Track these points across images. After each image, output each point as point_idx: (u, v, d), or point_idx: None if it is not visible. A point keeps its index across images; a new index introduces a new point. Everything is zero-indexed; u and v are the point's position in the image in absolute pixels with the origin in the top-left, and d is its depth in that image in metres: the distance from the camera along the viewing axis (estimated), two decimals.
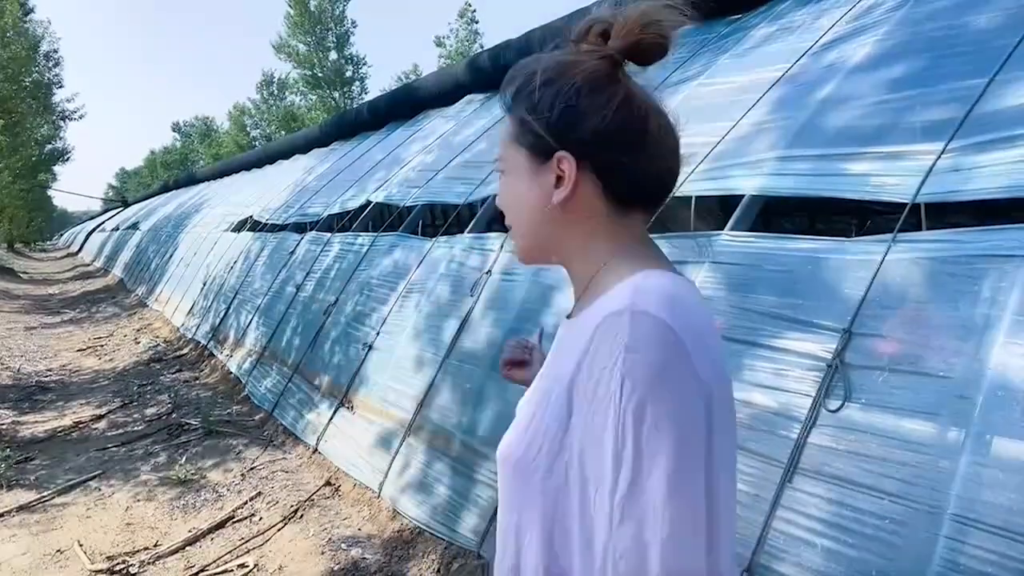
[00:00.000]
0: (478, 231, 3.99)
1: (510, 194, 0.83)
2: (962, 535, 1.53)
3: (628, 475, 0.62)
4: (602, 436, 0.64)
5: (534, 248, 0.84)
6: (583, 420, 0.68)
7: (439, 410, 3.30)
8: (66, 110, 23.53)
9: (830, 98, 2.73)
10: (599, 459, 0.65)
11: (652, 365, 0.63)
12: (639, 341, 0.64)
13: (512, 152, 0.81)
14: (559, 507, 0.72)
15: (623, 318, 0.65)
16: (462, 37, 29.36)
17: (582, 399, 0.68)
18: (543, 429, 0.73)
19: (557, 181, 0.77)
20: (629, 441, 0.62)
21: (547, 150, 0.77)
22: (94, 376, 6.81)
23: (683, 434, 0.63)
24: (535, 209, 0.79)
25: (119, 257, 18.01)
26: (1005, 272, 1.74)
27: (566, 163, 0.76)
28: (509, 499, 0.79)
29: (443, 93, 7.32)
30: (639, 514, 0.62)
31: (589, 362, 0.67)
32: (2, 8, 16.15)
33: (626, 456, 0.62)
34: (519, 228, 0.83)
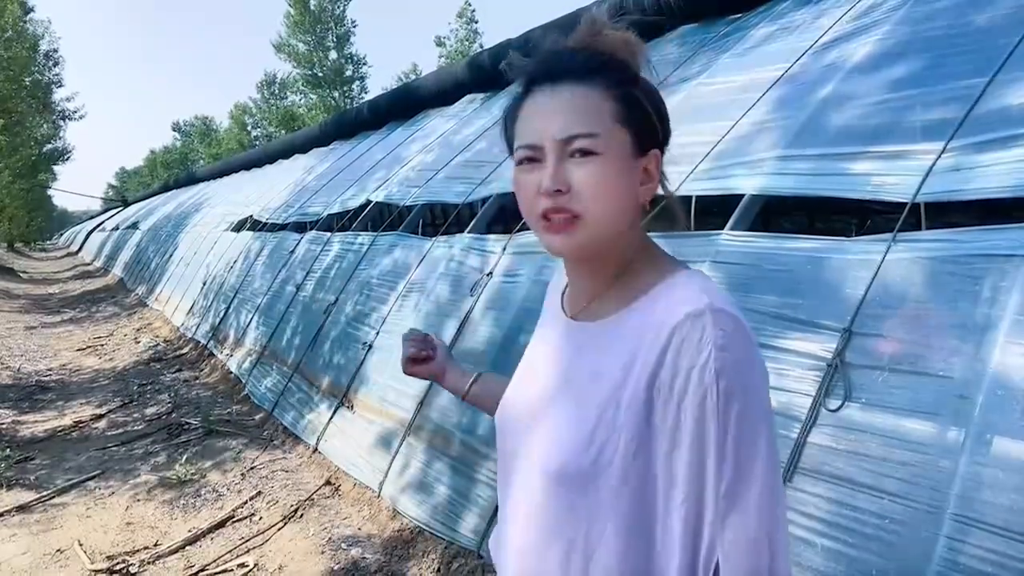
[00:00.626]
0: (478, 231, 3.99)
1: (602, 179, 0.71)
2: (962, 535, 1.53)
3: (732, 467, 0.64)
4: (699, 432, 0.65)
5: (603, 241, 0.75)
6: (671, 419, 0.67)
7: (439, 410, 3.30)
8: (66, 110, 23.55)
9: (830, 98, 2.73)
10: (695, 454, 0.66)
11: (743, 361, 0.66)
12: (727, 339, 0.66)
13: (613, 131, 0.71)
14: (638, 510, 0.70)
15: (706, 317, 0.66)
16: (461, 37, 29.37)
17: (666, 399, 0.68)
18: (615, 435, 0.70)
19: (643, 177, 0.75)
20: (730, 436, 0.64)
21: (651, 142, 0.74)
22: (94, 376, 6.81)
23: (772, 426, 0.67)
24: (627, 202, 0.74)
25: (119, 256, 18.01)
26: (1005, 272, 1.74)
27: (655, 161, 0.75)
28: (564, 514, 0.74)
29: (443, 92, 7.32)
30: (746, 504, 0.64)
31: (672, 361, 0.67)
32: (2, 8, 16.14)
33: (728, 449, 0.64)
34: (599, 218, 0.72)
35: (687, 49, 4.20)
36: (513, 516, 0.82)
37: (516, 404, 0.87)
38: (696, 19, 4.54)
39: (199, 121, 51.59)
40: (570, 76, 0.72)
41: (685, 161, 2.91)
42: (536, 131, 0.73)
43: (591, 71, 0.72)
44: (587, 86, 0.72)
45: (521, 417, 0.84)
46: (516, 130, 0.77)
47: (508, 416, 0.88)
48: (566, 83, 0.72)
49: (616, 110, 0.72)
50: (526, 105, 0.76)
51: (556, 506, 0.75)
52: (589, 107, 0.71)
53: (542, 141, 0.73)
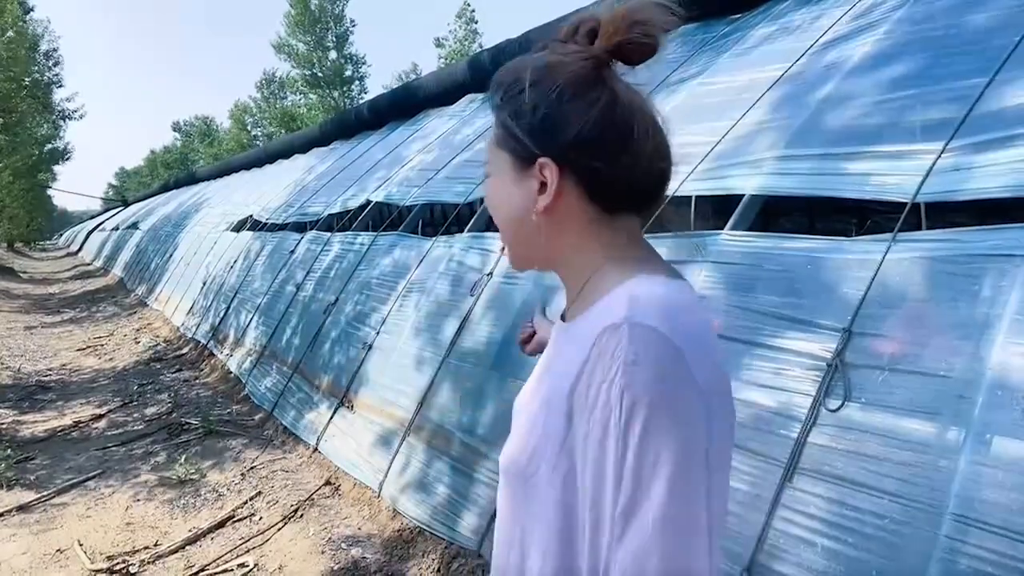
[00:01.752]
0: (478, 230, 3.99)
1: (496, 197, 0.81)
2: (962, 535, 1.53)
3: (629, 488, 0.62)
4: (602, 449, 0.64)
5: (523, 254, 0.83)
6: (584, 431, 0.67)
7: (439, 409, 3.30)
8: (66, 109, 23.55)
9: (830, 97, 2.73)
10: (599, 471, 0.65)
11: (652, 378, 0.63)
12: (638, 354, 0.63)
13: (497, 156, 0.80)
14: (562, 520, 0.70)
15: (621, 331, 0.65)
16: (461, 37, 29.37)
17: (582, 410, 0.68)
18: (544, 438, 0.72)
19: (541, 187, 0.75)
20: (630, 454, 0.62)
21: (530, 156, 0.75)
22: (94, 375, 6.81)
23: (683, 446, 0.62)
24: (520, 215, 0.78)
25: (119, 257, 18.01)
26: (1005, 272, 1.74)
27: (548, 170, 0.74)
28: (512, 510, 0.78)
29: (443, 92, 7.32)
30: (640, 527, 0.61)
31: (588, 374, 0.67)
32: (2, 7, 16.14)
33: (627, 469, 0.62)
34: (506, 234, 0.82)
35: (687, 49, 4.21)
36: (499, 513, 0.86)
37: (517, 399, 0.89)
38: (696, 19, 4.54)
39: (199, 121, 51.61)
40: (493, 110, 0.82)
41: (685, 161, 2.91)
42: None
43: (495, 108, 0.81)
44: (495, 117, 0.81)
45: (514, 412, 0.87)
46: None
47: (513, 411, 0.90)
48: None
49: (496, 136, 0.80)
50: None
51: (508, 501, 0.79)
52: (489, 136, 0.82)
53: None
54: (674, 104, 3.51)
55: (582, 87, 0.74)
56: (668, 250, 2.60)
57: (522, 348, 1.28)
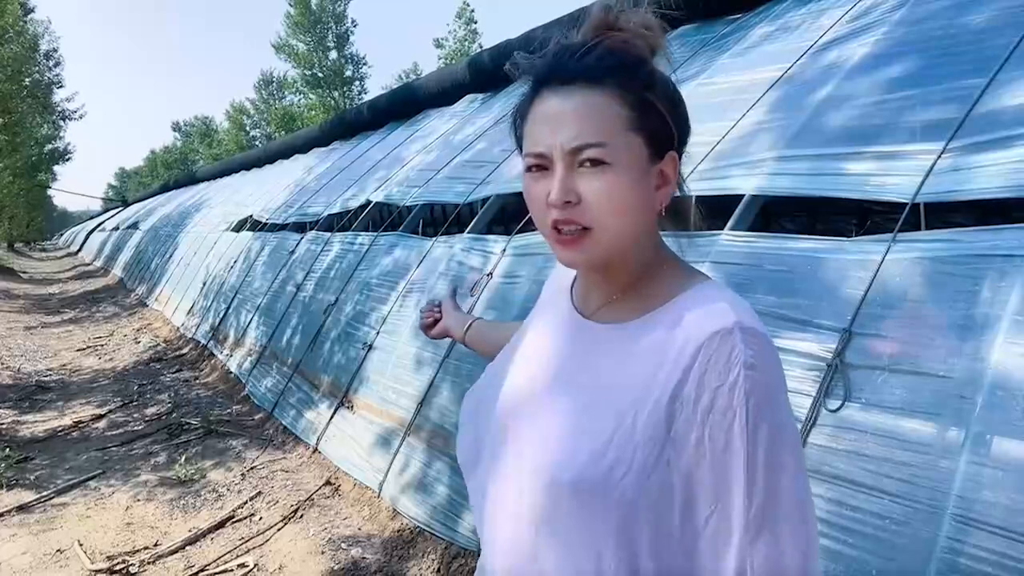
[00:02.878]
0: (478, 231, 3.99)
1: (615, 191, 0.69)
2: (962, 535, 1.53)
3: (762, 489, 0.63)
4: (725, 453, 0.65)
5: (617, 252, 0.74)
6: (694, 437, 0.66)
7: (439, 410, 3.30)
8: (66, 110, 23.59)
9: (830, 98, 2.73)
10: (720, 475, 0.65)
11: (771, 382, 0.66)
12: (756, 359, 0.65)
13: (624, 140, 0.69)
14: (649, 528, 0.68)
15: (735, 336, 0.66)
16: (460, 37, 29.38)
17: (689, 417, 0.67)
18: (631, 448, 0.68)
19: (660, 181, 0.73)
20: (760, 456, 0.63)
21: (666, 146, 0.72)
22: (94, 376, 6.81)
23: (798, 444, 0.67)
24: (643, 211, 0.72)
25: (119, 257, 18.01)
26: (1005, 272, 1.74)
27: (672, 164, 0.73)
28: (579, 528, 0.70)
29: (443, 92, 7.32)
30: (775, 526, 0.63)
31: (697, 379, 0.66)
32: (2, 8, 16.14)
33: (758, 471, 0.63)
34: (614, 230, 0.71)
35: (687, 49, 4.21)
36: (502, 514, 0.78)
37: (512, 397, 0.83)
38: (696, 19, 4.54)
39: (199, 121, 51.63)
40: (580, 79, 0.69)
41: (685, 161, 2.90)
42: (544, 139, 0.70)
43: (602, 74, 0.69)
44: (598, 91, 0.68)
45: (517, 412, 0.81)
46: (525, 132, 0.74)
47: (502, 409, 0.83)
48: (576, 87, 0.69)
49: (628, 116, 0.69)
50: (535, 107, 0.72)
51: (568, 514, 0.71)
52: (599, 114, 0.68)
53: (550, 150, 0.70)
54: None
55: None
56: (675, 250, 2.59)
57: (425, 332, 1.30)
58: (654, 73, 0.71)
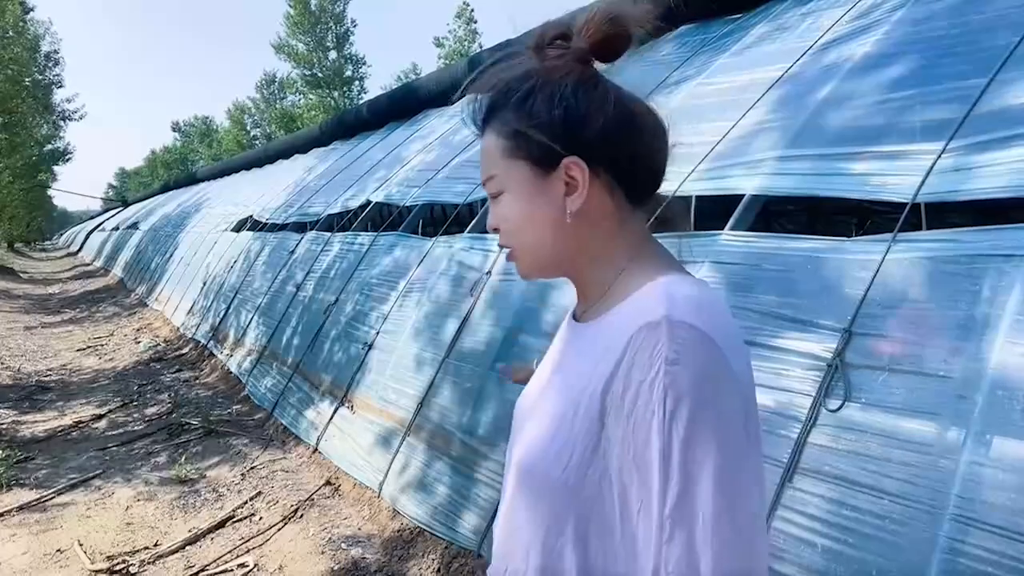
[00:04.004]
0: (478, 231, 3.99)
1: (514, 214, 0.77)
2: (962, 535, 1.53)
3: (676, 488, 0.62)
4: (645, 449, 0.64)
5: (547, 264, 0.80)
6: (621, 432, 0.66)
7: (439, 410, 3.30)
8: (66, 110, 23.58)
9: (830, 98, 2.73)
10: (642, 472, 0.64)
11: (694, 376, 0.63)
12: (679, 353, 0.63)
13: (508, 169, 0.76)
14: (593, 518, 0.70)
15: (660, 329, 0.64)
16: (460, 37, 29.37)
17: (618, 411, 0.67)
18: (572, 440, 0.71)
19: (567, 189, 0.74)
20: (675, 453, 0.62)
21: (553, 158, 0.74)
22: (94, 376, 6.81)
23: (727, 443, 0.63)
24: (548, 224, 0.76)
25: (119, 257, 18.01)
26: (1005, 272, 1.74)
27: (576, 168, 0.73)
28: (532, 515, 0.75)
29: (443, 92, 7.32)
30: (690, 526, 0.61)
31: (625, 373, 0.66)
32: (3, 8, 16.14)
33: (673, 469, 0.62)
34: (530, 247, 0.78)
35: (686, 49, 4.20)
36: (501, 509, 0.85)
37: (522, 401, 0.89)
38: (696, 19, 4.54)
39: (199, 121, 51.62)
40: (478, 124, 0.80)
41: (685, 161, 2.91)
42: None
43: (484, 119, 0.79)
44: (488, 129, 0.78)
45: (521, 414, 0.86)
46: None
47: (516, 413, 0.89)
48: (483, 132, 0.80)
49: (505, 146, 0.76)
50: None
51: (522, 503, 0.77)
52: (487, 151, 0.78)
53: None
54: (674, 104, 3.51)
55: (589, 83, 0.74)
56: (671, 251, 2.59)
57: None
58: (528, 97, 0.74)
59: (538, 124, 0.73)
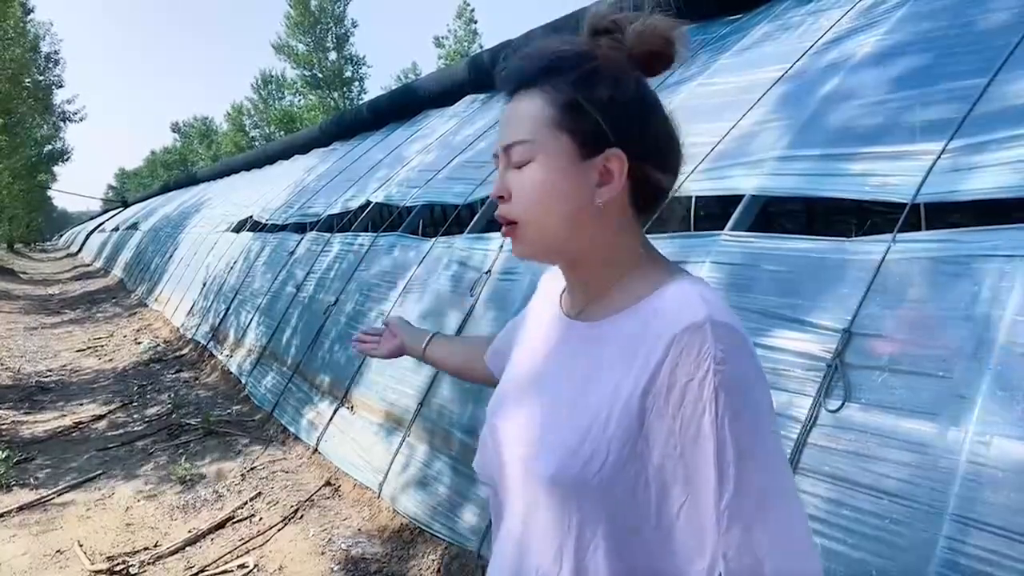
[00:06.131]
0: (478, 231, 3.99)
1: (537, 186, 0.73)
2: (962, 535, 1.53)
3: (732, 481, 0.64)
4: (694, 446, 0.65)
5: (552, 246, 0.77)
6: (664, 431, 0.67)
7: (439, 410, 3.30)
8: (67, 111, 23.57)
9: (830, 97, 2.73)
10: (690, 468, 0.66)
11: (742, 375, 0.66)
12: (727, 352, 0.65)
13: (547, 139, 0.73)
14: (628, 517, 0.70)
15: (705, 330, 0.66)
16: (460, 37, 29.37)
17: (661, 411, 0.68)
18: (606, 442, 0.70)
19: (601, 179, 0.73)
20: (729, 448, 0.64)
21: (600, 143, 0.72)
22: (94, 376, 6.81)
23: (772, 436, 0.67)
24: (572, 206, 0.74)
25: (119, 257, 18.01)
26: (1005, 272, 1.74)
27: (617, 161, 0.73)
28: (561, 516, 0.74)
29: (443, 93, 7.32)
30: (747, 517, 0.64)
31: (669, 373, 0.67)
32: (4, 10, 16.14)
33: (727, 463, 0.64)
34: (541, 224, 0.75)
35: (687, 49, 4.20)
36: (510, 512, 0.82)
37: (499, 396, 0.88)
38: (696, 19, 4.54)
39: (198, 122, 51.60)
40: (521, 84, 0.76)
41: (685, 161, 2.91)
42: (496, 141, 0.78)
43: (534, 78, 0.75)
44: (531, 93, 0.74)
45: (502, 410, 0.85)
46: None
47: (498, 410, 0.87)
48: (519, 91, 0.76)
49: (553, 116, 0.73)
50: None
51: (548, 507, 0.75)
52: (527, 115, 0.74)
53: (496, 150, 0.77)
54: (674, 105, 3.51)
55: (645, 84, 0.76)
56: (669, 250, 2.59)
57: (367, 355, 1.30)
58: (592, 75, 0.73)
59: (599, 104, 0.72)
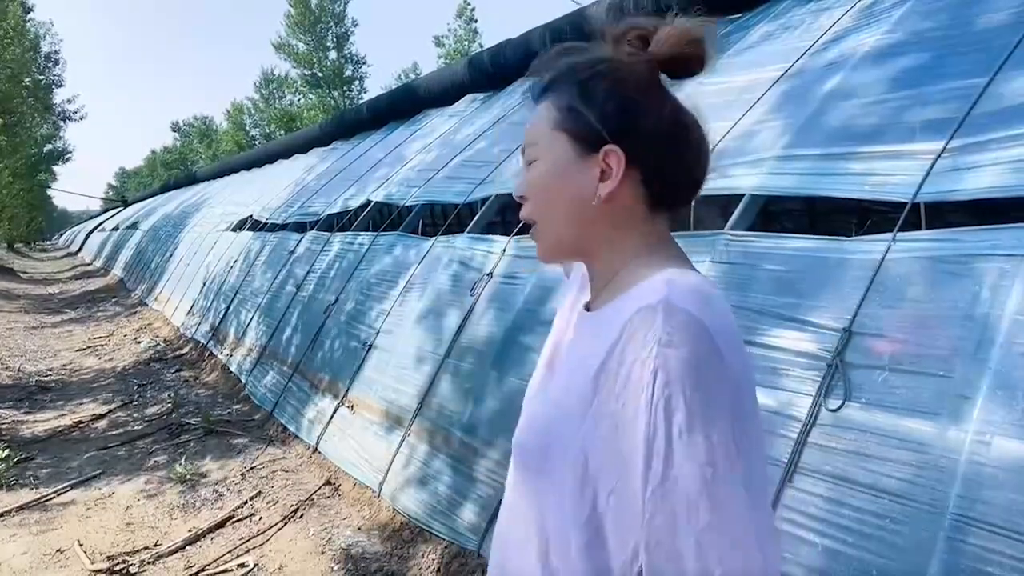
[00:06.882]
0: (478, 231, 3.99)
1: (543, 184, 0.79)
2: (962, 535, 1.53)
3: (660, 467, 0.62)
4: (631, 427, 0.64)
5: (565, 243, 0.81)
6: (610, 411, 0.67)
7: (439, 409, 3.30)
8: (67, 111, 23.58)
9: (830, 97, 2.73)
10: (627, 451, 0.64)
11: (685, 359, 0.63)
12: (673, 335, 0.64)
13: (551, 140, 0.78)
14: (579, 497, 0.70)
15: (657, 312, 0.65)
16: (461, 36, 29.34)
17: (609, 390, 0.68)
18: (563, 423, 0.73)
19: (601, 175, 0.76)
20: (660, 433, 0.62)
21: (596, 142, 0.76)
22: (94, 376, 6.81)
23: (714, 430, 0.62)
24: (575, 201, 0.78)
25: (119, 256, 18.01)
26: (1005, 272, 1.74)
27: (615, 157, 0.76)
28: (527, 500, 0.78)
29: (443, 92, 7.31)
30: (671, 506, 0.61)
31: (619, 353, 0.67)
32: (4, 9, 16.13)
33: (657, 448, 0.62)
34: (552, 220, 0.80)
35: None
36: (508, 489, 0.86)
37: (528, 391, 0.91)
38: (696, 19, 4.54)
39: (198, 121, 51.58)
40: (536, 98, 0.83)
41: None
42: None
43: (543, 89, 0.81)
44: (544, 101, 0.81)
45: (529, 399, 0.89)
46: None
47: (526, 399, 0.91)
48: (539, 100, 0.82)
49: (553, 117, 0.78)
50: None
51: (520, 482, 0.80)
52: (536, 120, 0.80)
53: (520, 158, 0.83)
54: None
55: (652, 85, 0.78)
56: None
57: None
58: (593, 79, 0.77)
59: (592, 104, 0.76)
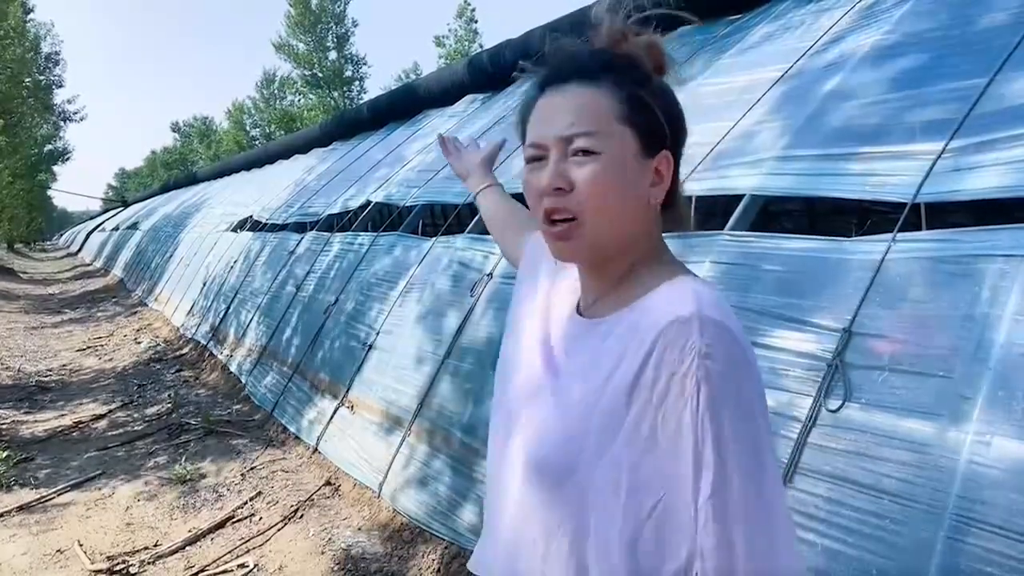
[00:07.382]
0: (478, 231, 3.99)
1: (604, 180, 0.72)
2: (962, 535, 1.53)
3: (711, 477, 0.63)
4: (676, 440, 0.65)
5: (609, 243, 0.76)
6: (647, 424, 0.67)
7: (439, 409, 3.30)
8: (67, 111, 23.57)
9: (830, 97, 2.73)
10: (672, 463, 0.65)
11: (726, 371, 0.65)
12: (712, 347, 0.64)
13: (615, 134, 0.72)
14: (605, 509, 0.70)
15: (691, 324, 0.65)
16: (461, 37, 29.34)
17: (645, 402, 0.67)
18: (590, 435, 0.71)
19: (654, 178, 0.75)
20: (709, 444, 0.63)
21: (659, 144, 0.74)
22: (94, 376, 6.81)
23: (757, 436, 0.65)
24: (635, 202, 0.75)
25: (119, 257, 18.01)
26: (1005, 272, 1.74)
27: (667, 163, 0.75)
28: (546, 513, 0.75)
29: (443, 92, 7.32)
30: (723, 513, 0.62)
31: (655, 366, 0.67)
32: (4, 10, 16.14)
33: (707, 459, 0.63)
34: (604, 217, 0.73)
35: (687, 49, 4.20)
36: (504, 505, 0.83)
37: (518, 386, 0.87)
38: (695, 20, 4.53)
39: (198, 121, 51.57)
40: (578, 76, 0.74)
41: (685, 161, 2.88)
42: (542, 130, 0.75)
43: (597, 70, 0.74)
44: (593, 86, 0.73)
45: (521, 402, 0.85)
46: (527, 130, 0.79)
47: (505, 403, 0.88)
48: (574, 83, 0.74)
49: (619, 110, 0.72)
50: (538, 104, 0.77)
51: (536, 498, 0.76)
52: (592, 106, 0.72)
53: (546, 140, 0.74)
54: None
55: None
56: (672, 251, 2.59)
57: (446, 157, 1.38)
58: (648, 76, 0.76)
59: (662, 105, 0.75)
